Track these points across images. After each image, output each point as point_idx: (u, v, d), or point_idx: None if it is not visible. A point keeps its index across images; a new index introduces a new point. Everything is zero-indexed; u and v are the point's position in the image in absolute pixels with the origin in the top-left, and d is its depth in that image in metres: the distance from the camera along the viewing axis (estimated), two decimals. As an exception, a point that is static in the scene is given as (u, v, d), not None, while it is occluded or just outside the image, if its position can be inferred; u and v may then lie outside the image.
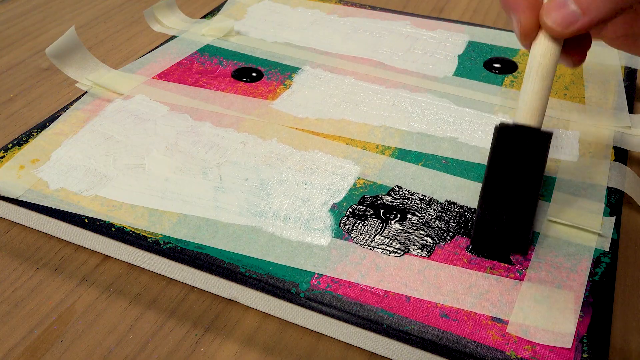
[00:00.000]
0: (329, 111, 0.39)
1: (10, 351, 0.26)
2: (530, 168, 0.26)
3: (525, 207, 0.27)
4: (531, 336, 0.25)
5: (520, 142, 0.26)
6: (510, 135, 0.26)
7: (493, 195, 0.27)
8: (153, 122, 0.38)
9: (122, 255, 0.30)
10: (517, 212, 0.27)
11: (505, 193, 0.27)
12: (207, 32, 0.47)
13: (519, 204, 0.27)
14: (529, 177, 0.27)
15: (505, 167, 0.27)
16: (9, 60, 0.48)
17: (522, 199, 0.27)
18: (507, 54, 0.45)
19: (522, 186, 0.27)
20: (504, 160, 0.27)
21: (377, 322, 0.25)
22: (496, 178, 0.27)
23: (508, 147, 0.27)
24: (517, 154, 0.26)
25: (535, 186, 0.27)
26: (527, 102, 0.26)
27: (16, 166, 0.34)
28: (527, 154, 0.26)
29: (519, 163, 0.26)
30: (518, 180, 0.27)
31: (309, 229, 0.30)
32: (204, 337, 0.27)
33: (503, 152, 0.27)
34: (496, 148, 0.27)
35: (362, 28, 0.49)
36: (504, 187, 0.27)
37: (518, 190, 0.27)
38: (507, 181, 0.27)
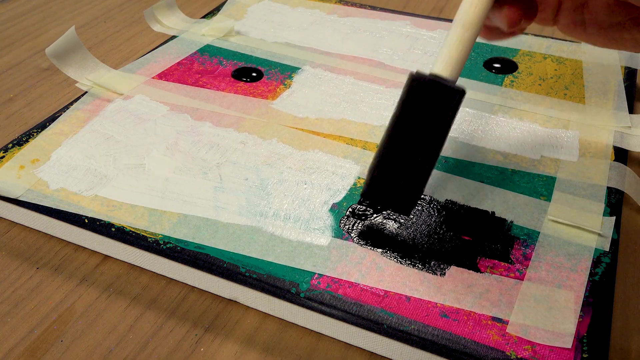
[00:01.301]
0: (329, 111, 0.39)
1: (10, 351, 0.26)
2: (436, 121, 0.25)
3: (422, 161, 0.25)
4: (531, 336, 0.25)
5: (430, 94, 0.25)
6: (421, 86, 0.25)
7: (394, 143, 0.26)
8: (153, 122, 0.38)
9: (122, 255, 0.30)
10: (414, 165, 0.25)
11: (408, 142, 0.25)
12: (207, 32, 0.47)
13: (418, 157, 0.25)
14: (434, 130, 0.25)
15: (412, 116, 0.25)
16: (9, 60, 0.48)
17: (422, 152, 0.25)
18: (507, 54, 0.45)
19: (426, 138, 0.25)
20: (411, 109, 0.25)
21: (377, 322, 0.25)
22: (401, 126, 0.25)
23: (418, 97, 0.25)
24: (426, 105, 0.25)
25: (438, 140, 0.25)
26: (445, 52, 0.25)
27: (16, 166, 0.34)
28: (436, 107, 0.25)
29: (427, 115, 0.25)
30: (422, 131, 0.25)
31: (309, 229, 0.30)
32: (204, 337, 0.27)
33: (412, 101, 0.25)
34: (407, 97, 0.25)
35: (362, 28, 0.49)
36: (408, 135, 0.25)
37: (421, 141, 0.25)
38: (411, 131, 0.25)
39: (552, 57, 0.45)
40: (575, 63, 0.44)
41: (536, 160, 0.35)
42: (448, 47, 0.25)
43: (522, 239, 0.30)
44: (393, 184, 0.26)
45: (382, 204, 0.27)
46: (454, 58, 0.25)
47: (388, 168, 0.26)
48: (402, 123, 0.25)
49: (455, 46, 0.25)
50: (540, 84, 0.42)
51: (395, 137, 0.26)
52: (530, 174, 0.34)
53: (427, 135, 0.25)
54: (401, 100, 0.25)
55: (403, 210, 0.26)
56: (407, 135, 0.25)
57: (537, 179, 0.33)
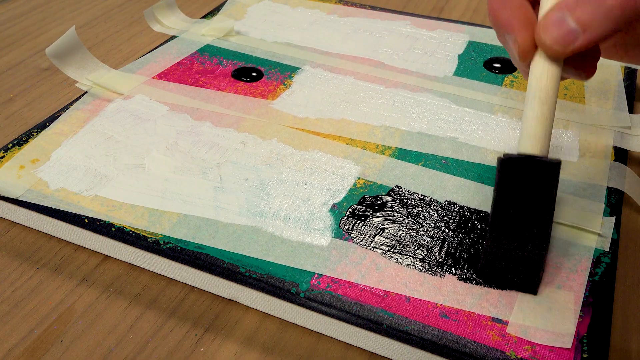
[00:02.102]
0: (329, 111, 0.39)
1: (10, 351, 0.26)
2: (539, 199, 0.25)
3: (535, 239, 0.26)
4: (531, 336, 0.25)
5: (526, 173, 0.25)
6: (514, 166, 0.25)
7: (502, 227, 0.26)
8: (153, 122, 0.38)
9: (122, 255, 0.30)
10: (528, 245, 0.26)
11: (514, 225, 0.25)
12: (207, 32, 0.47)
13: (529, 237, 0.25)
14: (538, 208, 0.25)
15: (513, 199, 0.25)
16: (9, 60, 0.48)
17: (532, 231, 0.25)
18: (507, 54, 0.45)
19: (532, 218, 0.25)
20: (510, 192, 0.25)
21: (377, 322, 0.25)
22: (504, 210, 0.25)
23: (514, 179, 0.25)
24: (524, 185, 0.25)
25: (546, 217, 0.25)
26: (529, 130, 0.24)
27: (16, 166, 0.34)
28: (535, 184, 0.25)
29: (527, 194, 0.25)
30: (527, 211, 0.25)
31: (309, 229, 0.30)
32: (204, 337, 0.27)
33: (509, 185, 0.25)
34: (501, 180, 0.25)
35: (362, 28, 0.49)
36: (513, 219, 0.25)
37: (528, 222, 0.25)
38: (515, 213, 0.25)
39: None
40: (575, 63, 0.44)
41: (536, 161, 0.35)
42: (533, 124, 0.24)
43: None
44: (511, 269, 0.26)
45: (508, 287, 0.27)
46: (539, 135, 0.24)
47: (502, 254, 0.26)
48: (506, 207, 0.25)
49: (539, 121, 0.24)
50: (540, 84, 0.42)
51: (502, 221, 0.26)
52: (530, 174, 0.34)
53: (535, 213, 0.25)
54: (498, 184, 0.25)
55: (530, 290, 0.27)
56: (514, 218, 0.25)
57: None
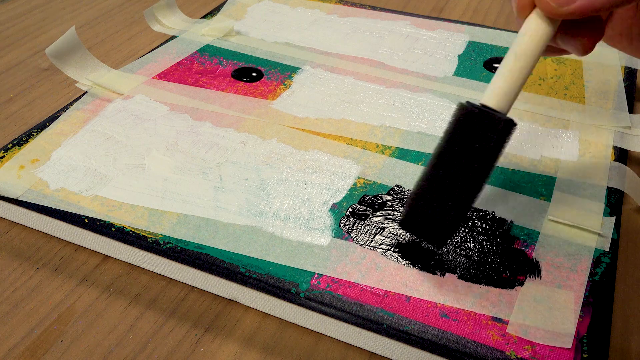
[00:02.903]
0: (329, 111, 0.39)
1: (10, 351, 0.26)
2: (481, 154, 0.24)
3: (463, 194, 0.25)
4: (531, 336, 0.25)
5: (476, 124, 0.24)
6: (467, 113, 0.24)
7: (436, 170, 0.25)
8: (153, 122, 0.38)
9: (122, 255, 0.30)
10: (454, 196, 0.25)
11: (448, 172, 0.25)
12: (207, 32, 0.47)
13: (459, 189, 0.25)
14: (478, 163, 0.25)
15: (456, 146, 0.25)
16: (9, 60, 0.48)
17: (464, 183, 0.25)
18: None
19: (468, 170, 0.25)
20: (456, 139, 0.25)
21: (377, 322, 0.25)
22: (444, 155, 0.25)
23: (464, 126, 0.24)
24: (471, 136, 0.24)
25: (481, 175, 0.25)
26: (494, 82, 0.24)
27: (16, 166, 0.34)
28: (482, 138, 0.24)
29: (471, 146, 0.24)
30: (465, 163, 0.24)
31: (309, 229, 0.30)
32: (204, 337, 0.27)
33: (457, 131, 0.25)
34: (451, 125, 0.25)
35: (362, 28, 0.49)
36: (449, 165, 0.25)
37: (463, 173, 0.25)
38: (454, 160, 0.25)
39: (552, 57, 0.45)
40: (575, 63, 0.44)
41: (536, 160, 0.35)
42: (498, 77, 0.24)
43: (522, 239, 0.29)
44: (431, 215, 0.25)
45: (418, 233, 0.27)
46: (503, 88, 0.24)
47: (427, 198, 0.25)
48: (446, 153, 0.25)
49: (505, 76, 0.24)
50: (540, 84, 0.42)
51: (437, 166, 0.25)
52: (530, 174, 0.34)
53: (470, 167, 0.24)
54: (447, 129, 0.25)
55: (436, 243, 0.26)
56: (451, 166, 0.25)
57: (537, 179, 0.33)
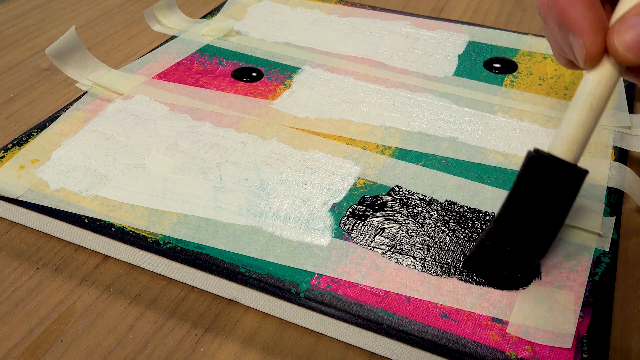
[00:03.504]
0: (329, 111, 0.39)
1: (10, 351, 0.26)
2: (555, 204, 0.24)
3: (536, 245, 0.25)
4: (531, 336, 0.25)
5: (552, 175, 0.24)
6: (543, 165, 0.24)
7: (509, 221, 0.25)
8: (153, 122, 0.38)
9: (122, 255, 0.30)
10: (525, 248, 0.25)
11: (521, 223, 0.25)
12: (207, 32, 0.47)
13: (531, 241, 0.25)
14: (551, 214, 0.24)
15: (529, 197, 0.24)
16: (9, 60, 0.48)
17: (537, 235, 0.25)
18: (507, 54, 0.45)
19: (541, 222, 0.24)
20: (529, 189, 0.24)
21: (377, 322, 0.25)
22: (516, 206, 0.25)
23: (538, 178, 0.24)
24: (545, 187, 0.24)
25: (555, 225, 0.25)
26: (570, 134, 0.23)
27: (16, 166, 0.34)
28: (557, 189, 0.24)
29: (545, 197, 0.24)
30: (538, 214, 0.24)
31: (309, 229, 0.30)
32: (204, 337, 0.27)
33: (531, 181, 0.24)
34: (524, 175, 0.24)
35: (362, 28, 0.49)
36: (523, 216, 0.24)
37: (536, 224, 0.24)
38: (527, 212, 0.24)
39: (552, 57, 0.45)
40: (575, 63, 0.44)
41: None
42: (573, 130, 0.23)
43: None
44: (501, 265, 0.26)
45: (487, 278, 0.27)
46: (578, 142, 0.23)
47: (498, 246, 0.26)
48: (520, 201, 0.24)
49: (582, 129, 0.23)
50: (540, 84, 0.42)
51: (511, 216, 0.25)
52: (530, 174, 0.34)
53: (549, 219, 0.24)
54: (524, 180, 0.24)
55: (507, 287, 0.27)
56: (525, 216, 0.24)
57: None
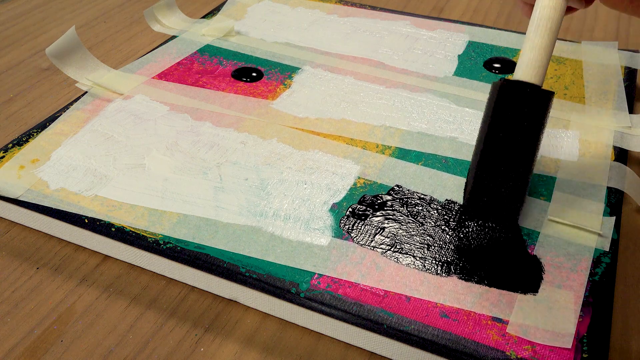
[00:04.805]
0: (329, 111, 0.39)
1: (10, 351, 0.26)
2: (531, 126, 0.25)
3: (522, 166, 0.26)
4: (531, 336, 0.25)
5: (522, 100, 0.25)
6: (512, 92, 0.25)
7: (491, 152, 0.26)
8: (153, 122, 0.38)
9: (122, 255, 0.30)
10: (515, 171, 0.26)
11: (504, 151, 0.26)
12: (207, 32, 0.47)
13: (517, 163, 0.26)
14: (529, 135, 0.26)
15: (506, 124, 0.26)
16: (9, 60, 0.48)
17: (520, 157, 0.26)
18: (507, 54, 0.45)
19: (521, 145, 0.26)
20: (504, 118, 0.26)
21: (377, 322, 0.25)
22: (495, 136, 0.26)
23: (510, 105, 0.25)
24: (518, 112, 0.25)
25: (533, 145, 0.26)
26: (531, 58, 0.25)
27: (16, 166, 0.34)
28: (529, 112, 0.25)
29: (520, 121, 0.25)
30: (517, 138, 0.26)
31: (309, 229, 0.30)
32: (204, 337, 0.27)
33: (504, 110, 0.26)
34: (496, 105, 0.26)
35: (362, 28, 0.49)
36: (503, 145, 0.26)
37: (517, 148, 0.26)
38: (506, 139, 0.26)
39: (552, 57, 0.45)
40: (575, 63, 0.44)
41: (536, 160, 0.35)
42: (537, 54, 0.25)
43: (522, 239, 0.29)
44: (496, 196, 0.26)
45: (486, 215, 0.28)
46: (542, 64, 0.25)
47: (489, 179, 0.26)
48: (498, 131, 0.26)
49: (545, 51, 0.25)
50: (540, 84, 0.42)
51: (492, 146, 0.26)
52: (530, 174, 0.34)
53: (524, 141, 0.26)
54: (493, 108, 0.26)
55: (508, 220, 0.27)
56: (505, 143, 0.26)
57: (537, 179, 0.33)
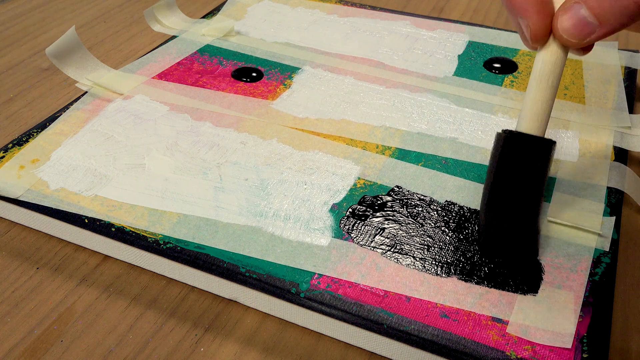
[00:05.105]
0: (329, 111, 0.39)
1: (10, 351, 0.26)
2: (535, 175, 0.27)
3: (530, 211, 0.27)
4: (531, 336, 0.25)
5: (525, 151, 0.26)
6: (515, 143, 0.26)
7: (498, 202, 0.27)
8: (153, 122, 0.38)
9: (122, 255, 0.30)
10: (523, 217, 0.27)
11: (510, 200, 0.27)
12: (207, 32, 0.47)
13: (525, 210, 0.27)
14: (534, 183, 0.27)
15: (510, 174, 0.27)
16: (9, 60, 0.48)
17: (528, 204, 0.27)
18: (507, 54, 0.45)
19: (528, 192, 0.27)
20: (508, 167, 0.27)
21: (377, 322, 0.25)
22: (501, 185, 0.27)
23: (513, 155, 0.27)
24: (521, 162, 0.26)
25: (539, 192, 0.27)
26: (534, 111, 0.26)
27: (16, 166, 0.34)
28: (532, 161, 0.26)
29: (524, 170, 0.27)
30: (523, 187, 0.27)
31: (309, 229, 0.30)
32: (204, 337, 0.27)
33: (509, 160, 0.27)
34: (501, 156, 0.27)
35: (362, 28, 0.49)
36: (509, 194, 0.27)
37: (523, 196, 0.27)
38: (512, 188, 0.27)
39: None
40: (575, 63, 0.44)
41: (536, 161, 0.35)
42: (537, 106, 0.26)
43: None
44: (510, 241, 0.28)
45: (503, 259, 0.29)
46: (542, 117, 0.26)
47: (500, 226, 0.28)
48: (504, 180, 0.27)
49: (544, 105, 0.26)
50: (540, 84, 0.42)
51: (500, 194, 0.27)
52: (530, 174, 0.34)
53: (531, 187, 0.27)
54: (498, 159, 0.27)
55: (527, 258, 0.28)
56: (512, 191, 0.27)
57: (537, 179, 0.33)
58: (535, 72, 0.26)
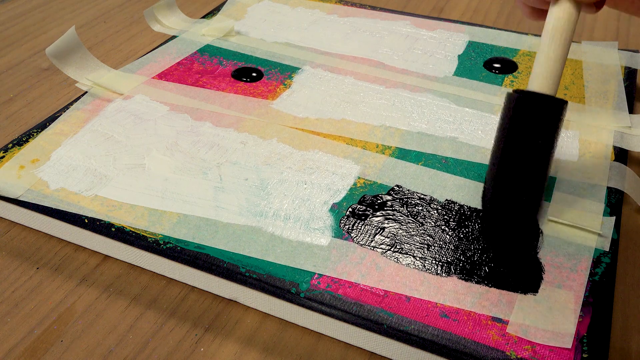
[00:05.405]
0: (329, 111, 0.39)
1: (10, 351, 0.26)
2: (547, 134, 0.26)
3: (540, 171, 0.27)
4: (531, 336, 0.25)
5: (539, 111, 0.26)
6: (528, 103, 0.26)
7: (510, 161, 0.27)
8: (153, 122, 0.38)
9: (122, 255, 0.30)
10: (533, 176, 0.27)
11: (522, 159, 0.27)
12: (207, 32, 0.47)
13: (535, 168, 0.27)
14: (546, 143, 0.27)
15: (524, 134, 0.27)
16: (9, 60, 0.48)
17: (538, 163, 0.27)
18: (507, 54, 0.45)
19: (539, 152, 0.27)
20: (521, 127, 0.27)
21: (377, 322, 0.25)
22: (513, 145, 0.27)
23: (525, 115, 0.26)
24: (534, 122, 0.26)
25: (550, 152, 0.27)
26: (546, 68, 0.26)
27: (16, 166, 0.34)
28: (545, 121, 0.26)
29: (536, 130, 0.26)
30: (535, 146, 0.26)
31: (309, 229, 0.30)
32: (204, 337, 0.27)
33: (520, 120, 0.27)
34: (513, 116, 0.27)
35: (362, 28, 0.49)
36: (521, 153, 0.27)
37: (535, 155, 0.27)
38: (524, 148, 0.27)
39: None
40: (575, 63, 0.44)
41: (536, 160, 0.35)
42: (552, 65, 0.26)
43: (522, 239, 0.30)
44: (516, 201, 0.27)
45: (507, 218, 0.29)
46: (556, 75, 0.26)
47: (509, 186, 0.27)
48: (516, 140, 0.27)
49: (558, 63, 0.26)
50: (540, 84, 0.42)
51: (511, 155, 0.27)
52: (530, 174, 0.34)
53: (541, 148, 0.27)
54: (510, 119, 0.27)
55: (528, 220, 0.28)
56: (523, 152, 0.27)
57: (537, 179, 0.33)
58: (548, 29, 0.26)
